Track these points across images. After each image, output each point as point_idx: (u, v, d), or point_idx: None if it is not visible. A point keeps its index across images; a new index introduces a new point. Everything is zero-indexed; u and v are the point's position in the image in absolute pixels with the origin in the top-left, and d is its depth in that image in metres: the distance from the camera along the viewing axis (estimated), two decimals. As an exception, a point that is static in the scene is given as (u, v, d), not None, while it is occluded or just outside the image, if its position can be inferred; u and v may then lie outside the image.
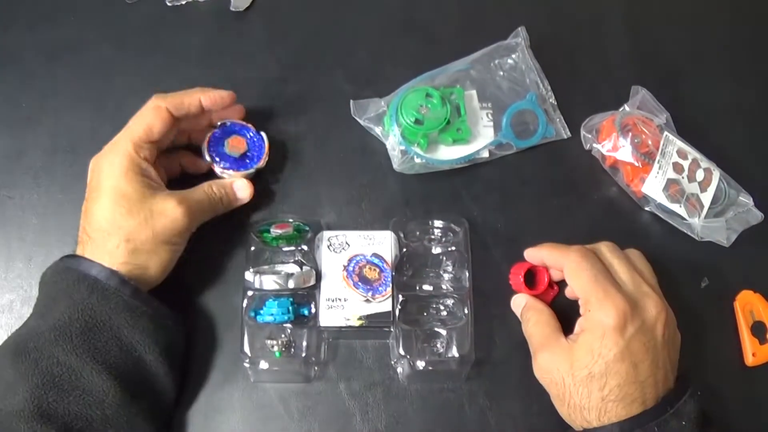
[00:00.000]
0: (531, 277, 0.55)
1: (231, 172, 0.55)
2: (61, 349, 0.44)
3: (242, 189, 0.55)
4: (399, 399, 0.52)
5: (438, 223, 0.56)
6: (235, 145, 0.56)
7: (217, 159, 0.55)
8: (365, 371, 0.53)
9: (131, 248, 0.47)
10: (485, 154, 0.60)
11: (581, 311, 0.49)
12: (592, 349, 0.46)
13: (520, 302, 0.54)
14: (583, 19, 0.68)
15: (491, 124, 0.61)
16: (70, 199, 0.57)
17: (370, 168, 0.60)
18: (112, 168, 0.49)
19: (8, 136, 0.60)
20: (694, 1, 0.70)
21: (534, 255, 0.54)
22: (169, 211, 0.49)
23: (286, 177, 0.59)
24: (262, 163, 0.56)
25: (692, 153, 0.58)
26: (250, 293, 0.52)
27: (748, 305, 0.56)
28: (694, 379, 0.54)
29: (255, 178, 0.57)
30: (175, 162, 0.56)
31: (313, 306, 0.52)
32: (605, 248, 0.51)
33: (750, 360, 0.55)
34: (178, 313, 0.51)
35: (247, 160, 0.57)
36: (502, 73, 0.63)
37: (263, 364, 0.51)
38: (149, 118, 0.51)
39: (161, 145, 0.53)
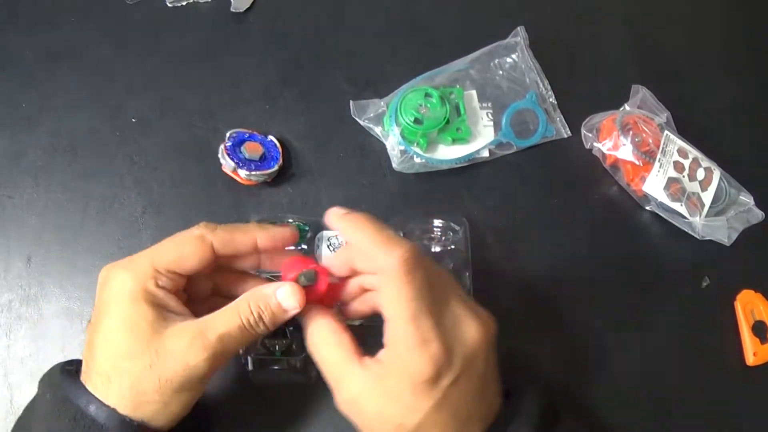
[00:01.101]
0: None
1: (257, 173, 0.56)
2: None
3: (289, 297, 0.41)
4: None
5: (438, 222, 0.56)
6: (253, 149, 0.57)
7: (240, 164, 0.56)
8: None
9: (133, 395, 0.39)
10: (485, 154, 0.60)
11: (385, 339, 0.40)
12: (401, 400, 0.38)
13: (289, 303, 0.41)
14: (583, 18, 0.68)
15: (491, 123, 0.61)
16: (69, 199, 0.57)
17: (370, 168, 0.60)
18: (121, 289, 0.40)
19: (8, 136, 0.60)
20: (694, 1, 0.71)
21: (340, 227, 0.42)
22: (181, 353, 0.39)
23: (286, 177, 0.59)
24: (281, 161, 0.57)
25: (693, 152, 0.58)
26: None
27: (748, 304, 0.56)
28: (695, 380, 0.54)
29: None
30: (206, 282, 0.45)
31: None
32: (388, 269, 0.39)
33: (751, 359, 0.55)
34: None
35: (268, 161, 0.57)
36: (501, 72, 0.63)
37: (264, 364, 0.50)
38: (186, 247, 0.41)
39: (189, 284, 0.43)
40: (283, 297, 0.41)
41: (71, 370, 0.42)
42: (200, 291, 0.45)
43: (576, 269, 0.57)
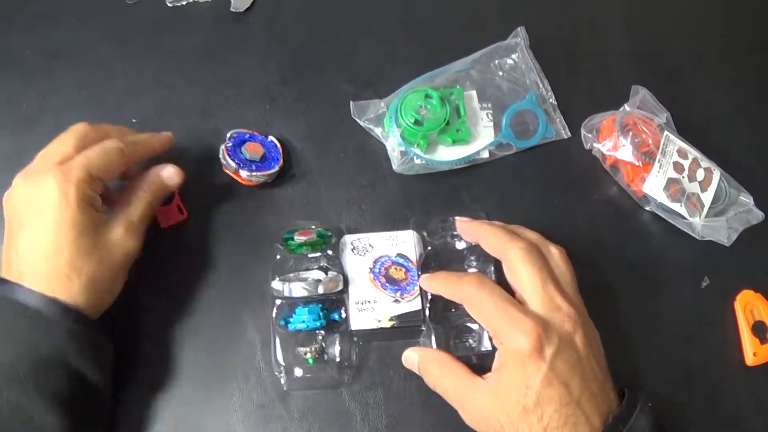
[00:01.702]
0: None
1: (258, 173, 0.56)
2: (13, 390, 0.42)
3: (171, 176, 0.53)
4: (399, 399, 0.52)
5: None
6: (254, 150, 0.57)
7: (241, 165, 0.56)
8: (366, 371, 0.53)
9: (92, 288, 0.45)
10: (485, 155, 0.60)
11: (495, 344, 0.46)
12: (517, 383, 0.43)
13: (413, 358, 0.50)
14: (583, 19, 0.68)
15: (491, 124, 0.61)
16: (69, 199, 0.57)
17: (370, 169, 0.60)
18: (63, 194, 0.45)
19: (8, 136, 0.60)
20: (694, 1, 0.71)
21: (430, 287, 0.52)
22: (120, 242, 0.47)
23: (286, 178, 0.59)
24: (281, 161, 0.57)
25: (693, 152, 0.58)
26: (278, 302, 0.52)
27: (748, 305, 0.56)
28: (695, 380, 0.54)
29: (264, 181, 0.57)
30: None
31: (343, 310, 0.52)
32: (515, 252, 0.47)
33: (751, 360, 0.55)
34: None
35: (268, 162, 0.57)
36: (501, 73, 0.63)
37: (297, 372, 0.51)
38: (113, 158, 0.48)
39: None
40: (167, 176, 0.53)
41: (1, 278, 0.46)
42: None
43: (576, 270, 0.57)
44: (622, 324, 0.55)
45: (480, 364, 0.48)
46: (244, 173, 0.56)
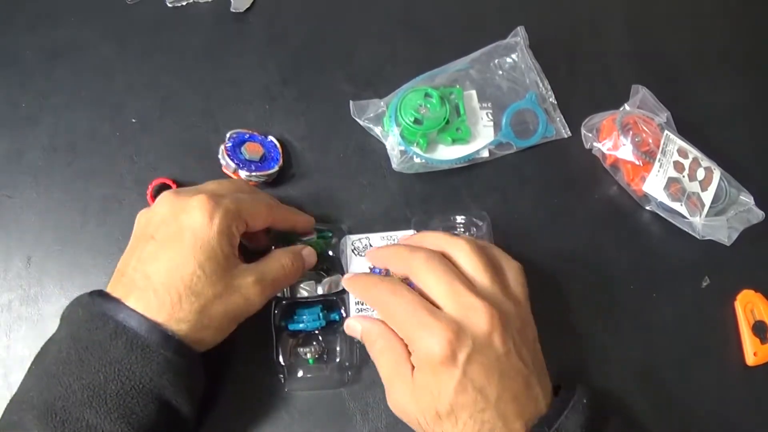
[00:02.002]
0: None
1: (257, 173, 0.56)
2: (93, 412, 0.40)
3: (311, 256, 0.51)
4: (399, 399, 0.52)
5: (460, 218, 0.56)
6: (254, 150, 0.57)
7: (240, 165, 0.56)
8: (366, 371, 0.53)
9: (201, 320, 0.43)
10: (485, 154, 0.60)
11: (410, 351, 0.44)
12: (430, 389, 0.41)
13: (356, 327, 0.49)
14: (583, 18, 0.68)
15: (491, 123, 0.61)
16: (69, 199, 0.57)
17: (370, 168, 0.60)
18: (209, 221, 0.44)
19: (8, 136, 0.60)
20: (694, 1, 0.70)
21: (349, 288, 0.51)
22: (245, 289, 0.44)
23: (286, 178, 0.59)
24: (281, 162, 0.57)
25: (693, 152, 0.58)
26: (279, 303, 0.52)
27: (749, 304, 0.56)
28: (695, 380, 0.54)
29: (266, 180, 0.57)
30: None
31: (343, 311, 0.52)
32: (416, 264, 0.45)
33: (751, 359, 0.55)
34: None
35: (268, 162, 0.57)
36: (501, 72, 0.63)
37: (298, 372, 0.51)
38: (262, 209, 0.48)
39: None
40: (306, 255, 0.50)
41: (100, 293, 0.44)
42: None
43: (576, 269, 0.57)
44: (621, 324, 0.55)
45: None
46: (243, 173, 0.56)
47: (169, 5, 0.66)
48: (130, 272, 0.44)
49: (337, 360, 0.51)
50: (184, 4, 0.66)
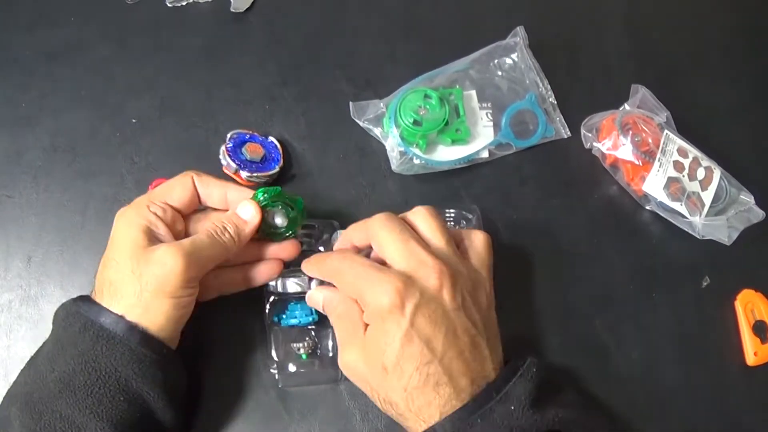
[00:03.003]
0: None
1: (258, 174, 0.56)
2: (64, 402, 0.41)
3: (245, 210, 0.48)
4: (399, 398, 0.52)
5: (450, 212, 0.56)
6: (254, 150, 0.57)
7: (241, 165, 0.56)
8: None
9: (127, 303, 0.44)
10: (485, 155, 0.60)
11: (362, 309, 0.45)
12: (378, 342, 0.42)
13: (318, 298, 0.49)
14: (583, 18, 0.68)
15: (491, 124, 0.61)
16: (69, 199, 0.57)
17: (370, 169, 0.60)
18: (122, 220, 0.47)
19: (8, 136, 0.60)
20: (694, 1, 0.70)
21: (306, 270, 0.50)
22: (162, 260, 0.44)
23: (286, 178, 0.59)
24: (282, 162, 0.57)
25: (693, 151, 0.58)
26: (271, 298, 0.52)
27: (749, 304, 0.56)
28: (695, 380, 0.54)
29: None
30: (228, 276, 0.50)
31: None
32: (374, 225, 0.46)
33: (751, 359, 0.55)
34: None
35: (269, 163, 0.57)
36: (501, 73, 0.63)
37: (291, 368, 0.51)
38: (175, 182, 0.49)
39: (183, 211, 0.49)
40: (240, 209, 0.48)
41: (83, 297, 0.47)
42: None
43: (576, 269, 0.57)
44: (621, 323, 0.55)
45: None
46: (244, 174, 0.56)
47: (169, 5, 0.66)
48: (98, 276, 0.47)
49: (330, 355, 0.51)
50: (184, 4, 0.66)
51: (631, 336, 0.55)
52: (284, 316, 0.51)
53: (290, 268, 0.53)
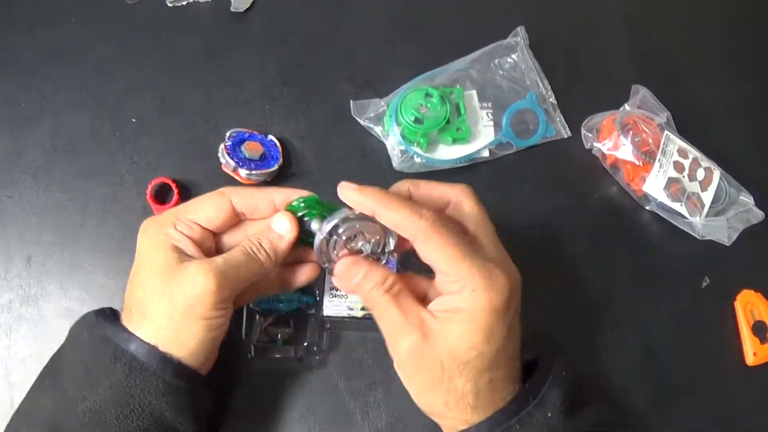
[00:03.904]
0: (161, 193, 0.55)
1: (257, 172, 0.56)
2: None
3: (280, 223, 0.44)
4: (399, 399, 0.52)
5: None
6: (253, 148, 0.57)
7: (240, 163, 0.56)
8: (366, 371, 0.53)
9: (157, 325, 0.42)
10: (485, 154, 0.60)
11: (450, 288, 0.40)
12: (480, 331, 0.39)
13: (360, 266, 0.43)
14: (583, 18, 0.68)
15: (491, 123, 0.61)
16: (69, 199, 0.57)
17: (370, 168, 0.60)
18: (147, 236, 0.44)
19: (8, 136, 0.60)
20: (694, 1, 0.71)
21: (358, 202, 0.42)
22: (194, 278, 0.41)
23: (286, 177, 0.59)
24: (281, 160, 0.57)
25: (693, 152, 0.58)
26: None
27: (748, 304, 0.56)
28: (695, 380, 0.54)
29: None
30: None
31: (317, 295, 0.52)
32: (454, 198, 0.44)
33: (751, 359, 0.55)
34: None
35: (268, 161, 0.57)
36: (501, 72, 0.63)
37: (266, 352, 0.51)
38: (207, 200, 0.45)
39: (215, 231, 0.46)
40: (275, 223, 0.44)
41: (106, 312, 0.44)
42: None
43: (576, 269, 0.57)
44: (621, 323, 0.55)
45: None
46: (243, 172, 0.56)
47: (169, 5, 0.65)
48: (127, 296, 0.44)
49: (306, 343, 0.52)
50: (184, 4, 0.66)
51: (631, 336, 0.55)
52: (265, 300, 0.51)
53: None
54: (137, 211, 0.57)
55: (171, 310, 0.41)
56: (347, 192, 0.42)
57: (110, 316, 0.44)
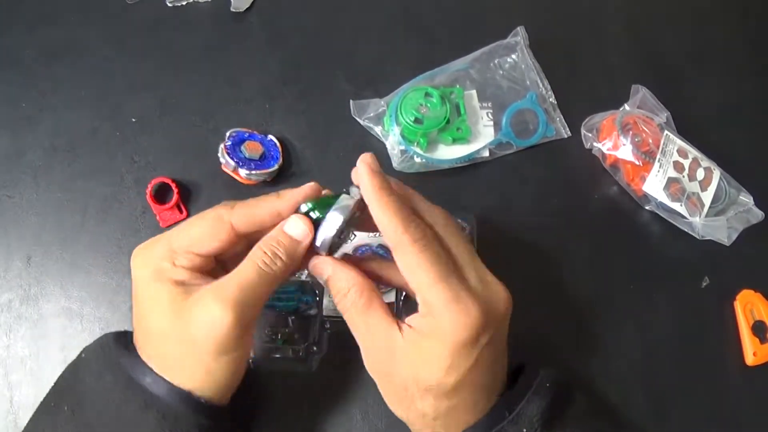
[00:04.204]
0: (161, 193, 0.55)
1: (257, 172, 0.56)
2: None
3: (294, 226, 0.41)
4: (399, 398, 0.52)
5: None
6: (253, 148, 0.57)
7: (240, 163, 0.56)
8: (366, 371, 0.52)
9: (182, 376, 0.39)
10: (485, 154, 0.60)
11: (419, 308, 0.39)
12: (440, 362, 0.38)
13: (325, 268, 0.41)
14: (583, 18, 0.68)
15: (491, 123, 0.61)
16: (69, 199, 0.57)
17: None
18: (142, 273, 0.40)
19: (8, 136, 0.60)
20: (694, 1, 0.70)
21: (364, 186, 0.40)
22: (209, 318, 0.37)
23: (286, 176, 0.59)
24: (281, 160, 0.57)
25: (693, 152, 0.58)
26: None
27: (748, 304, 0.56)
28: (695, 380, 0.54)
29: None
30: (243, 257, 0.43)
31: (317, 294, 0.52)
32: (440, 221, 0.41)
33: (750, 359, 0.55)
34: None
35: (268, 161, 0.57)
36: (501, 72, 0.63)
37: (266, 352, 0.51)
38: (204, 228, 0.40)
39: (219, 257, 0.42)
40: (289, 227, 0.41)
41: (124, 344, 0.41)
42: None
43: (575, 269, 0.57)
44: (621, 323, 0.55)
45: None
46: (243, 172, 0.56)
47: (169, 5, 0.65)
48: (139, 339, 0.41)
49: (306, 344, 0.51)
50: (184, 4, 0.66)
51: (631, 336, 0.55)
52: (270, 300, 0.51)
53: None
54: (137, 211, 0.57)
55: (192, 351, 0.38)
56: (362, 170, 0.40)
57: (132, 350, 0.41)
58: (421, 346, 0.38)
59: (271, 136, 0.59)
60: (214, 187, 0.58)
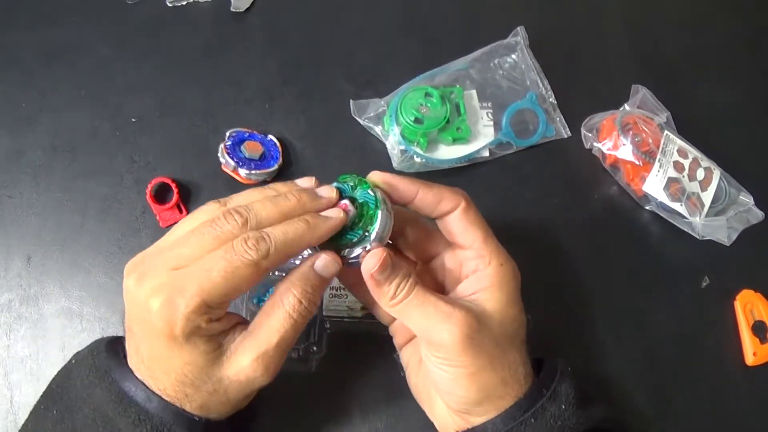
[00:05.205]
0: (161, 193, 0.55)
1: (256, 172, 0.56)
2: None
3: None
4: (399, 398, 0.51)
5: None
6: (253, 148, 0.57)
7: (240, 163, 0.56)
8: (365, 371, 0.53)
9: (205, 412, 0.39)
10: (485, 154, 0.60)
11: (475, 266, 0.42)
12: (518, 302, 0.43)
13: (329, 270, 0.40)
14: (583, 18, 0.68)
15: (491, 123, 0.61)
16: (69, 199, 0.57)
17: (370, 167, 0.58)
18: (170, 324, 0.36)
19: (8, 136, 0.60)
20: (694, 1, 0.71)
21: (405, 185, 0.42)
22: (244, 374, 0.38)
23: (286, 176, 0.59)
24: (281, 160, 0.57)
25: (693, 152, 0.58)
26: None
27: (748, 304, 0.56)
28: (695, 380, 0.54)
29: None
30: None
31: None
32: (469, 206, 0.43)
33: (751, 359, 0.55)
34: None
35: (268, 161, 0.57)
36: (501, 72, 0.63)
37: None
38: (240, 279, 0.37)
39: None
40: (320, 267, 0.40)
41: (117, 349, 0.41)
42: None
43: (575, 269, 0.57)
44: (622, 323, 0.55)
45: None
46: (243, 172, 0.56)
47: (169, 5, 0.66)
48: (136, 357, 0.40)
49: (305, 344, 0.52)
50: (184, 4, 0.66)
51: (631, 336, 0.55)
52: (264, 299, 0.51)
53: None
54: (137, 211, 0.57)
55: (222, 401, 0.39)
56: (386, 175, 0.43)
57: (125, 363, 0.40)
58: (495, 299, 0.42)
59: (271, 136, 0.59)
60: (214, 187, 0.58)
